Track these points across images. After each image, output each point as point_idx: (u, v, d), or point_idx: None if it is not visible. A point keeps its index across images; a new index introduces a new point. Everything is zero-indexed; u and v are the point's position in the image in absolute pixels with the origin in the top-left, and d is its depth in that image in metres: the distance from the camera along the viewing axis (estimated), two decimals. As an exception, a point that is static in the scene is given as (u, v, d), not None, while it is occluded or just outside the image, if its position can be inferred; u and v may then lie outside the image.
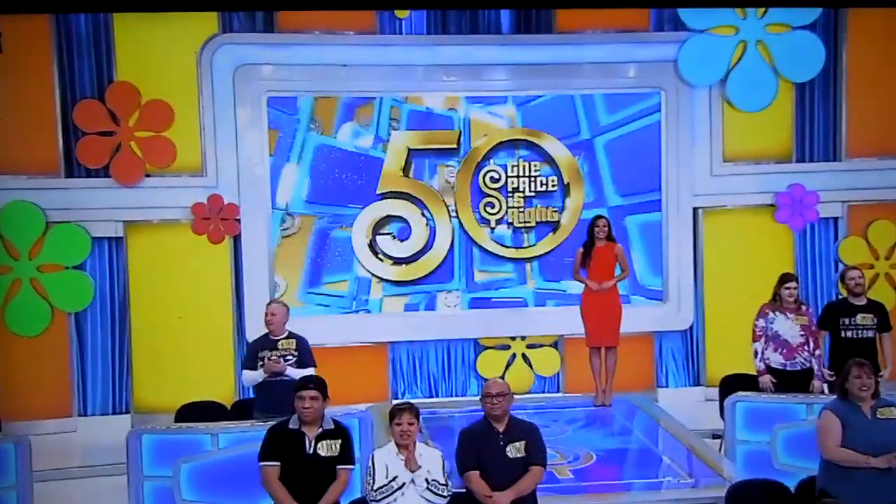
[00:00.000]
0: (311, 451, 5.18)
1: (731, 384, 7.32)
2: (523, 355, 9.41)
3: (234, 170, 8.93)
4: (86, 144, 8.73)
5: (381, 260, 9.26)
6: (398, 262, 9.28)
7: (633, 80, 9.33)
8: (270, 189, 9.01)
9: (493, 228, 9.31)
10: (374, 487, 5.09)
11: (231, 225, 8.93)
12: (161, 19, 8.65)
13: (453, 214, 9.26)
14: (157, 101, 8.75)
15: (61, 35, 8.74)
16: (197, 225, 8.88)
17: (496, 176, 9.29)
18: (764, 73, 9.28)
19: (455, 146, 9.23)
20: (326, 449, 5.20)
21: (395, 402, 7.53)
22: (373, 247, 9.22)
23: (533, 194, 9.31)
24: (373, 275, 9.24)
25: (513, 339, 9.41)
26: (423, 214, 9.25)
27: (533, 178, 9.29)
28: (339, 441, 5.24)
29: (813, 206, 9.43)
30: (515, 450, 5.25)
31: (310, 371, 6.61)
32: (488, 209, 9.31)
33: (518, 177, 9.29)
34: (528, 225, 9.33)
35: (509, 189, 9.29)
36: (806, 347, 7.07)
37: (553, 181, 9.30)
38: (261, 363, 6.65)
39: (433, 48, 9.13)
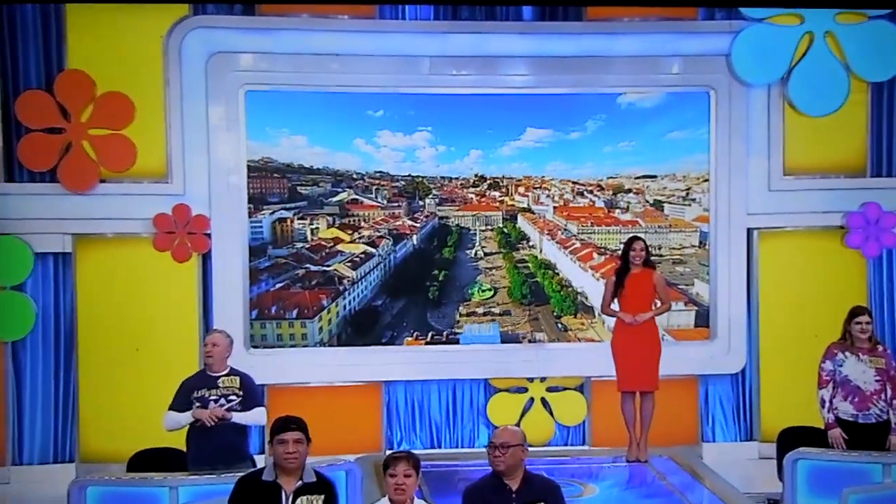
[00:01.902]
0: (289, 509, 5.13)
1: (791, 439, 7.28)
2: (543, 400, 9.38)
3: (204, 176, 8.95)
4: (29, 143, 8.74)
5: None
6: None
7: (677, 77, 9.35)
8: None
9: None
10: (363, 553, 5.04)
11: (199, 240, 8.93)
12: (121, -3, 8.74)
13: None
14: (115, 93, 8.77)
15: (2, 16, 8.76)
16: (159, 240, 8.88)
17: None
18: (833, 70, 9.27)
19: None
20: (306, 506, 5.15)
21: (389, 452, 7.48)
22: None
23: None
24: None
25: (531, 380, 9.37)
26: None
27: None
28: (322, 497, 5.18)
29: (890, 229, 9.41)
30: (532, 513, 5.19)
31: (261, 412, 6.59)
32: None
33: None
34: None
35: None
36: (882, 395, 7.00)
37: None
38: (197, 404, 6.57)
39: (442, 37, 9.16)
